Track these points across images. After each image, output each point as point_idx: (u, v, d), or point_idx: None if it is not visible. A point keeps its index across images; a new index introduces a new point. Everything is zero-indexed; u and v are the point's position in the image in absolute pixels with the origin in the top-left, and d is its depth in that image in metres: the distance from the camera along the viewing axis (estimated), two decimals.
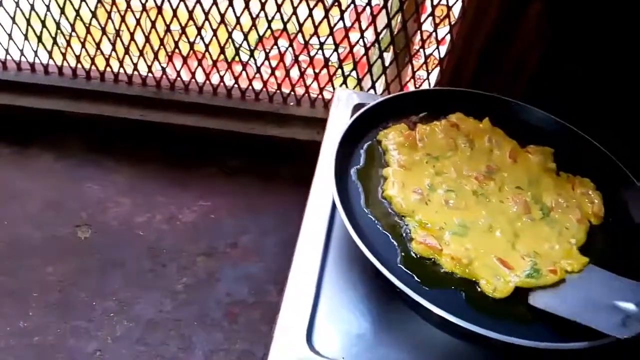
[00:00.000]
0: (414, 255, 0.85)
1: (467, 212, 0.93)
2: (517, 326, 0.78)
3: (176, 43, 1.71)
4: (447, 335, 0.82)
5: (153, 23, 1.68)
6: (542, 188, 1.00)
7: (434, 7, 1.48)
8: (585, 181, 1.03)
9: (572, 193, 1.01)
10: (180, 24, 1.66)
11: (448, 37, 1.51)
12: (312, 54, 1.67)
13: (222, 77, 1.81)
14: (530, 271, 0.83)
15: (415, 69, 1.66)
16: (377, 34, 1.57)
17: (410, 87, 1.71)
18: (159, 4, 1.62)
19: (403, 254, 0.85)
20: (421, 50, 1.60)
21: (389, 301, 0.85)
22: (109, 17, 1.68)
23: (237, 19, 1.61)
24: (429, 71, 1.63)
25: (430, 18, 1.51)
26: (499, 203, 0.96)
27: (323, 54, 1.66)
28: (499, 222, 0.92)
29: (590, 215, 0.97)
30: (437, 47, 1.56)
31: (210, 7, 1.61)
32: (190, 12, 1.62)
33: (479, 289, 0.82)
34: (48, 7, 1.69)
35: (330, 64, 1.70)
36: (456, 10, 1.49)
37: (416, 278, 0.82)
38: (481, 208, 0.94)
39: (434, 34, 1.54)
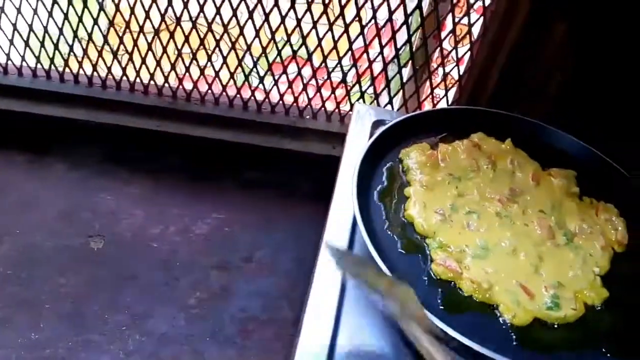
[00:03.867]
0: (437, 279, 0.83)
1: (490, 234, 0.92)
2: (541, 355, 0.76)
3: (194, 54, 1.70)
4: None
5: (171, 34, 1.67)
6: (565, 213, 0.99)
7: (454, 24, 1.47)
8: (608, 207, 1.01)
9: (595, 219, 0.99)
10: (199, 36, 1.65)
11: (467, 56, 1.50)
12: (329, 71, 1.66)
13: (239, 89, 1.80)
14: (551, 304, 0.82)
15: (433, 86, 1.64)
16: (397, 50, 1.56)
17: (428, 104, 1.70)
18: (177, 15, 1.61)
19: (426, 278, 0.84)
20: (440, 68, 1.59)
21: None
22: (127, 26, 1.68)
23: (257, 32, 1.60)
24: (447, 88, 1.62)
25: (450, 36, 1.50)
26: (523, 226, 0.94)
27: (342, 70, 1.65)
28: (523, 245, 0.90)
29: (614, 242, 0.96)
30: (457, 65, 1.54)
31: (229, 20, 1.60)
32: (210, 24, 1.61)
33: (498, 314, 0.80)
34: (66, 14, 1.68)
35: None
36: (476, 29, 1.47)
37: (440, 304, 0.80)
38: (505, 230, 0.93)
39: (453, 52, 1.52)
